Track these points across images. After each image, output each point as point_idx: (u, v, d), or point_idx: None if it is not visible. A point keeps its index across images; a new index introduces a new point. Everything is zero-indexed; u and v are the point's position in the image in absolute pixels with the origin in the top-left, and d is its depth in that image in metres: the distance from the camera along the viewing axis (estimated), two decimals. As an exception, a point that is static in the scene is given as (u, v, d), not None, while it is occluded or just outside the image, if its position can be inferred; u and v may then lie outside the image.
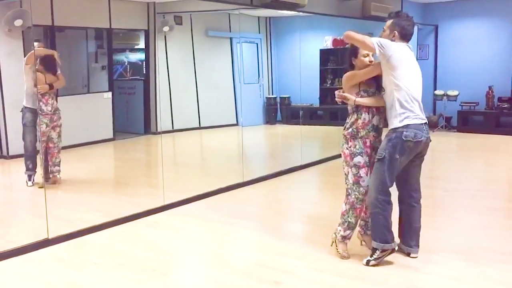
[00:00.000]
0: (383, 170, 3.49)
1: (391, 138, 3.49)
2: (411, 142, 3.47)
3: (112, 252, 3.97)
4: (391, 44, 3.49)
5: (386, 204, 3.53)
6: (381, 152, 3.51)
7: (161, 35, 9.89)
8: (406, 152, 3.50)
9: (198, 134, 10.32)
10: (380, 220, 3.53)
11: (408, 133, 3.45)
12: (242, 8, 7.63)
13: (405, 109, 3.48)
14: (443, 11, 10.65)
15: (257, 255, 3.91)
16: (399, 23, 3.58)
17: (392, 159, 3.47)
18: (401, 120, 3.47)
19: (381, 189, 3.50)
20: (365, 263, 3.59)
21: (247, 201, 5.58)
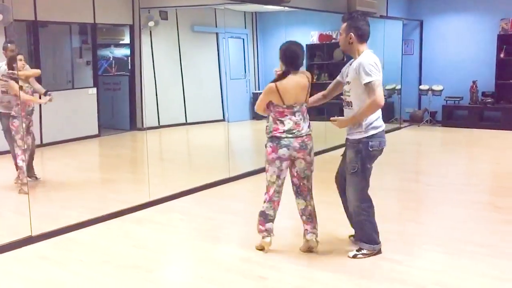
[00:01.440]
0: (358, 181, 3.58)
1: (359, 150, 3.53)
2: (377, 151, 3.55)
3: (97, 249, 3.94)
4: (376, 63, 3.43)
5: (369, 208, 3.63)
6: (353, 165, 3.56)
7: (146, 30, 9.82)
8: (374, 159, 3.59)
9: (184, 130, 10.30)
10: (367, 225, 3.62)
11: (374, 143, 3.51)
12: (228, 3, 7.62)
13: (369, 119, 3.49)
14: (428, 6, 10.72)
15: (242, 250, 3.91)
16: (353, 24, 3.53)
17: (364, 170, 3.56)
18: (366, 130, 3.50)
19: (361, 197, 3.60)
20: (352, 256, 3.63)
21: (232, 197, 5.58)
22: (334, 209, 4.26)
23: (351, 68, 3.53)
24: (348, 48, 3.59)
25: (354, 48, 3.55)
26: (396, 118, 10.72)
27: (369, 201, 3.63)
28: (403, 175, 6.51)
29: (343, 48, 3.64)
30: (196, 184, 5.64)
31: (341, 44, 3.63)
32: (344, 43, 3.58)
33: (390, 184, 6.08)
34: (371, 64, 3.39)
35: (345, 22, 3.58)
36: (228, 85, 10.55)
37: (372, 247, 3.62)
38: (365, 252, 3.62)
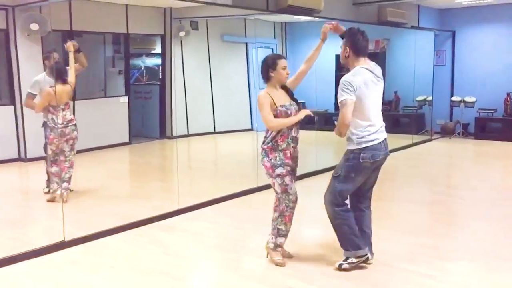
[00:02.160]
0: (335, 186, 3.58)
1: (349, 158, 3.53)
2: (368, 162, 3.50)
3: (127, 256, 3.99)
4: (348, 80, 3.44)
5: (345, 212, 3.59)
6: (338, 170, 3.58)
7: (177, 40, 9.96)
8: (363, 171, 3.54)
9: (213, 138, 10.36)
10: (345, 229, 3.58)
11: (366, 155, 3.48)
12: (258, 14, 7.66)
13: (362, 132, 3.48)
14: (461, 17, 10.55)
15: (271, 260, 3.89)
16: (350, 39, 3.56)
17: (347, 177, 3.54)
18: (358, 143, 3.48)
19: (335, 202, 3.58)
20: (337, 266, 3.59)
21: (260, 207, 5.56)
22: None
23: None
24: (345, 61, 3.62)
25: (350, 62, 3.58)
26: (427, 130, 10.56)
27: (344, 205, 3.59)
28: (434, 188, 6.39)
29: (342, 61, 3.66)
30: (225, 193, 5.65)
31: (341, 57, 3.67)
32: (343, 56, 3.62)
33: (421, 196, 5.98)
34: (344, 84, 3.42)
35: (344, 37, 3.64)
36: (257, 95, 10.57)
37: (355, 253, 3.56)
38: (351, 261, 3.57)
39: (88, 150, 8.32)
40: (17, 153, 7.33)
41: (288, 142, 3.71)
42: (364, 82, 3.46)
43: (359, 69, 3.52)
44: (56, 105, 5.30)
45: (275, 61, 3.75)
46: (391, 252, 3.95)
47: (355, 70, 3.53)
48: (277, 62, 3.74)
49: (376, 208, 5.28)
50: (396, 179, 7.07)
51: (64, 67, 5.48)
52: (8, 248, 4.04)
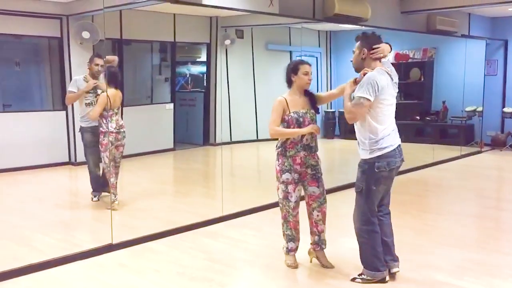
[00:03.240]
0: (362, 202, 3.50)
1: (364, 170, 3.45)
2: (385, 171, 3.41)
3: (172, 260, 4.04)
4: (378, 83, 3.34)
5: (371, 233, 3.49)
6: (358, 185, 3.51)
7: (222, 49, 10.08)
8: (383, 180, 3.45)
9: (255, 146, 10.39)
10: (367, 249, 3.51)
11: (381, 164, 3.39)
12: (305, 22, 7.65)
13: (376, 141, 3.39)
14: (513, 25, 10.21)
15: (313, 269, 3.86)
16: (367, 42, 3.50)
17: (369, 190, 3.46)
18: (371, 152, 3.40)
19: (364, 219, 3.50)
20: (351, 279, 3.56)
21: (304, 215, 5.52)
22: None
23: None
24: (360, 64, 3.52)
25: (367, 64, 3.49)
26: (476, 142, 10.23)
27: (371, 225, 3.48)
28: (484, 201, 6.17)
29: (355, 65, 3.58)
30: (267, 201, 5.64)
31: (354, 61, 3.58)
32: (357, 59, 3.54)
33: (469, 210, 5.79)
34: (370, 82, 3.33)
35: (358, 40, 3.57)
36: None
37: (372, 273, 3.47)
38: (364, 277, 3.50)
39: (134, 156, 8.52)
40: (67, 157, 7.60)
41: (298, 150, 3.73)
42: (386, 84, 3.40)
43: (381, 70, 3.45)
44: (109, 110, 5.29)
45: (297, 65, 3.77)
46: (437, 266, 3.83)
47: (378, 70, 3.44)
48: (299, 67, 3.76)
49: (422, 221, 5.17)
50: (444, 191, 6.87)
51: (118, 72, 5.54)
52: (58, 249, 4.18)
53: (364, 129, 3.43)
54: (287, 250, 3.91)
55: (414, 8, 8.44)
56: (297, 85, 3.78)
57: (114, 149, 5.43)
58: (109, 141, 5.29)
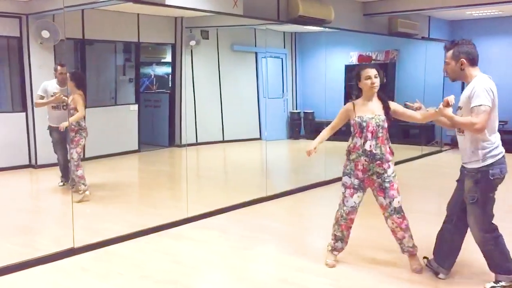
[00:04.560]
0: (480, 211, 3.40)
1: (478, 180, 3.36)
2: (499, 179, 3.39)
3: (136, 264, 4.00)
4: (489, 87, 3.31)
5: (496, 239, 3.45)
6: (472, 195, 3.39)
7: (188, 49, 10.03)
8: (496, 187, 3.43)
9: (221, 147, 10.38)
10: (496, 255, 3.45)
11: (495, 171, 3.34)
12: (269, 24, 7.70)
13: (491, 145, 3.36)
14: (471, 28, 10.53)
15: (279, 270, 3.88)
16: (463, 50, 3.41)
17: (486, 199, 3.39)
18: (484, 159, 3.34)
19: (485, 228, 3.43)
20: None
21: (269, 216, 5.56)
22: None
23: (464, 93, 3.40)
24: (459, 74, 3.44)
25: (466, 74, 3.41)
26: (436, 141, 10.51)
27: (493, 231, 3.44)
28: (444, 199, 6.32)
29: (453, 76, 3.48)
30: (233, 202, 5.65)
31: (450, 72, 3.47)
32: (455, 70, 3.44)
33: (431, 208, 5.95)
34: (485, 89, 3.28)
35: (450, 50, 3.47)
36: (265, 104, 10.62)
37: (509, 277, 3.43)
38: (504, 285, 3.44)
39: (98, 158, 8.38)
40: (27, 160, 7.39)
41: (359, 154, 3.72)
42: (496, 90, 3.38)
43: (485, 76, 3.42)
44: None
45: (359, 72, 3.77)
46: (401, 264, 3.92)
47: (483, 77, 3.38)
48: (361, 72, 3.74)
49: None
50: (406, 190, 6.99)
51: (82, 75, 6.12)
52: (18, 254, 4.07)
53: (475, 138, 3.35)
54: (332, 249, 3.90)
55: (376, 11, 8.62)
56: (364, 91, 3.76)
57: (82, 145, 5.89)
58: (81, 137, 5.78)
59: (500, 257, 3.42)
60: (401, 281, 3.62)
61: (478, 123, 3.23)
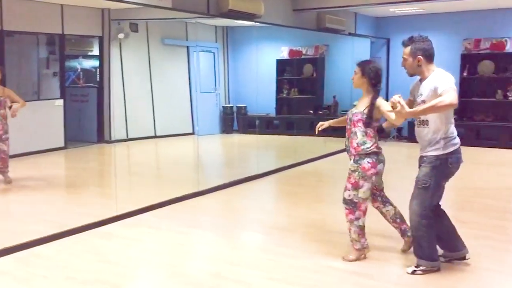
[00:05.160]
0: (427, 197, 3.53)
1: (436, 165, 3.49)
2: (455, 168, 3.54)
3: (62, 265, 3.83)
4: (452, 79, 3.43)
5: (430, 226, 3.58)
6: (425, 180, 3.51)
7: (116, 42, 9.73)
8: (450, 176, 3.58)
9: (153, 143, 10.18)
10: (425, 243, 3.58)
11: (453, 159, 3.50)
12: (199, 17, 7.63)
13: (452, 135, 3.51)
14: (395, 25, 11.01)
15: (212, 265, 3.87)
16: (420, 47, 3.54)
17: (438, 186, 3.54)
18: (445, 147, 3.48)
19: (424, 214, 3.55)
20: (410, 272, 3.60)
21: (202, 211, 5.54)
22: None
23: (426, 87, 3.50)
24: (417, 70, 3.58)
25: (423, 69, 3.55)
26: (364, 134, 10.89)
27: (430, 219, 3.56)
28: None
29: (410, 71, 3.61)
30: (165, 198, 5.56)
31: (408, 67, 3.60)
32: (413, 66, 3.57)
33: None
34: (448, 80, 3.39)
35: (407, 46, 3.59)
36: (198, 99, 10.54)
37: (430, 264, 3.58)
38: (423, 269, 3.59)
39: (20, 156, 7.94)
40: None
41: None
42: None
43: (442, 70, 3.53)
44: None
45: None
46: (329, 252, 4.03)
47: (441, 71, 3.51)
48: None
49: (315, 210, 5.40)
50: (335, 181, 7.23)
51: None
52: None
53: (438, 128, 3.46)
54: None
55: (305, 7, 8.79)
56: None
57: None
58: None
59: (427, 244, 3.58)
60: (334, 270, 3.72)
61: (450, 98, 3.28)
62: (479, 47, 10.02)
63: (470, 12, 10.08)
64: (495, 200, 5.85)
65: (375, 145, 3.74)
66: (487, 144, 9.43)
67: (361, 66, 3.80)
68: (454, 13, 10.20)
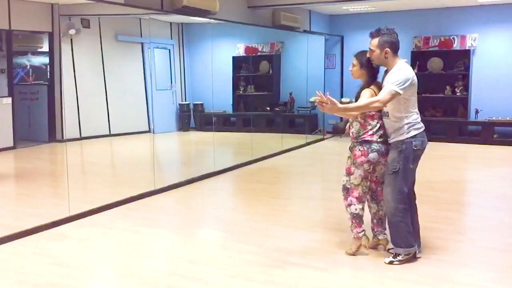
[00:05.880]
0: (399, 181, 3.63)
1: (402, 150, 3.62)
2: (420, 150, 3.68)
3: (11, 269, 3.69)
4: (407, 75, 3.58)
5: (406, 212, 3.67)
6: (394, 165, 3.63)
7: (67, 38, 9.46)
8: (417, 160, 3.70)
9: (108, 141, 9.97)
10: (402, 227, 3.67)
11: (417, 142, 3.64)
12: (152, 13, 7.51)
13: (415, 120, 3.67)
14: (348, 23, 11.21)
15: (168, 264, 3.84)
16: (387, 40, 3.66)
17: (406, 170, 3.64)
18: (409, 131, 3.63)
19: (399, 198, 3.64)
20: (388, 263, 3.68)
21: (159, 209, 5.47)
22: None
23: (387, 79, 3.63)
24: (383, 62, 3.69)
25: (389, 61, 3.67)
26: (319, 130, 11.06)
27: (406, 204, 3.67)
28: (327, 184, 6.72)
29: (377, 62, 3.72)
30: (120, 197, 5.46)
31: (375, 59, 3.70)
32: (379, 57, 3.67)
33: (314, 193, 6.26)
34: (405, 78, 3.55)
35: (375, 38, 3.69)
36: (153, 96, 10.39)
37: (407, 250, 3.67)
38: (401, 259, 3.67)
39: (-34, 156, 7.62)
40: None
41: None
42: (414, 75, 3.63)
43: (405, 63, 3.68)
44: None
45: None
46: (286, 248, 4.07)
47: (405, 65, 3.67)
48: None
49: (272, 206, 5.44)
50: (292, 177, 7.32)
51: None
52: None
53: (398, 118, 3.62)
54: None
55: (260, 4, 8.81)
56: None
57: None
58: None
59: (405, 229, 3.69)
60: (292, 265, 3.75)
61: (379, 101, 3.53)
62: (429, 44, 10.36)
63: (419, 10, 10.39)
64: (444, 192, 6.06)
65: (369, 134, 3.75)
66: (437, 138, 9.76)
67: (358, 58, 3.84)
68: (405, 11, 10.49)
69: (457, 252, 4.04)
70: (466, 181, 7.24)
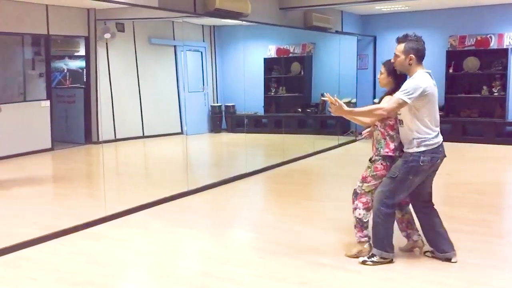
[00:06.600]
0: (392, 187, 3.60)
1: (408, 161, 3.57)
2: (427, 166, 3.58)
3: (50, 267, 3.81)
4: (418, 84, 3.48)
5: (388, 216, 3.65)
6: (395, 171, 3.61)
7: (102, 42, 9.67)
8: (420, 174, 3.61)
9: (141, 143, 10.15)
10: (380, 230, 3.66)
11: (425, 158, 3.54)
12: (186, 17, 7.61)
13: (425, 136, 3.55)
14: (381, 23, 11.07)
15: (202, 264, 3.88)
16: (413, 46, 3.57)
17: (404, 179, 3.59)
18: (418, 146, 3.55)
19: (386, 202, 3.62)
20: (361, 262, 3.70)
21: (192, 210, 5.53)
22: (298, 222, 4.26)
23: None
24: (406, 68, 3.61)
25: (412, 68, 3.59)
26: (352, 131, 10.95)
27: (390, 209, 3.63)
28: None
29: (400, 68, 3.64)
30: (154, 198, 5.55)
31: (399, 65, 3.63)
32: (403, 63, 3.59)
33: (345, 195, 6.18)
34: (413, 85, 3.47)
35: (401, 44, 3.61)
36: (186, 98, 10.52)
37: (383, 254, 3.66)
38: (375, 260, 3.67)
39: (6, 158, 7.89)
40: None
41: None
42: (430, 86, 3.53)
43: (424, 73, 3.56)
44: None
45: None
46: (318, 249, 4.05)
47: (421, 74, 3.55)
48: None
49: (305, 208, 5.43)
50: (324, 179, 7.29)
51: None
52: None
53: (412, 129, 3.55)
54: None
55: (292, 5, 8.80)
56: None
57: None
58: None
59: (383, 232, 3.66)
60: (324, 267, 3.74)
61: (383, 109, 3.51)
62: (464, 43, 10.12)
63: (454, 9, 10.17)
64: (483, 195, 5.92)
65: (391, 149, 3.70)
66: (473, 140, 9.52)
67: (386, 66, 3.80)
68: (439, 10, 10.28)
69: (495, 255, 3.94)
70: (504, 183, 7.05)
